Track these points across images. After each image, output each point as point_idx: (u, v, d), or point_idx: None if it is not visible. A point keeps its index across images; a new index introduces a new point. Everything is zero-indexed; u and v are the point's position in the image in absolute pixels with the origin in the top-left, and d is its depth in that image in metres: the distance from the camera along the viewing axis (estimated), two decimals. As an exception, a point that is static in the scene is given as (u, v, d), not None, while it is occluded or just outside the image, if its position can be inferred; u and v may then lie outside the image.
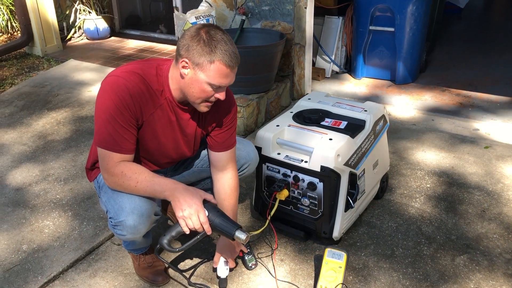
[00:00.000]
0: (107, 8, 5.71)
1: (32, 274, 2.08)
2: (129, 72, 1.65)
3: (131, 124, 1.65)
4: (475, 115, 3.52)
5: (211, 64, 1.57)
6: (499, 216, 2.36)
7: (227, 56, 1.57)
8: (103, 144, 1.64)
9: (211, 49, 1.56)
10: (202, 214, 1.63)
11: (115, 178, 1.65)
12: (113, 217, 1.70)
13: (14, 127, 3.52)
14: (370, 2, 3.95)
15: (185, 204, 1.62)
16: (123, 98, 1.60)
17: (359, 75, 4.29)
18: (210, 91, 1.63)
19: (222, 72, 1.58)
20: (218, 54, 1.56)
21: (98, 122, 1.65)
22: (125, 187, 1.66)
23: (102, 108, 1.62)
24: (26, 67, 4.83)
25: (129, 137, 1.66)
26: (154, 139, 1.77)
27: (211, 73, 1.58)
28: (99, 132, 1.65)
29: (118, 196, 1.69)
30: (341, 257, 1.90)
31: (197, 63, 1.58)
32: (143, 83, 1.65)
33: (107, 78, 1.66)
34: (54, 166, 2.96)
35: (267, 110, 3.52)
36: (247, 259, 2.05)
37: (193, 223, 1.63)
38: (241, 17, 3.69)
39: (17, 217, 2.48)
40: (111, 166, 1.65)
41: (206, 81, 1.60)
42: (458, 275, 2.00)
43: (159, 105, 1.71)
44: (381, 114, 2.33)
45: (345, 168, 2.03)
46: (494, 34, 5.83)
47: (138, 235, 1.75)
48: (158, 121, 1.73)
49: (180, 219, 1.64)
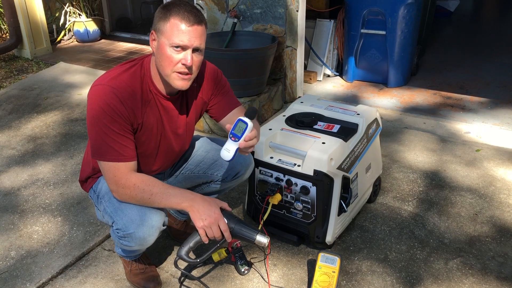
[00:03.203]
0: (97, 10, 5.67)
1: (20, 281, 2.04)
2: (114, 78, 1.62)
3: (127, 130, 1.63)
4: (466, 118, 3.54)
5: (167, 23, 1.57)
6: (491, 219, 2.36)
7: (182, 12, 1.56)
8: (104, 156, 1.61)
9: (167, 9, 1.58)
10: (223, 223, 1.64)
11: (127, 190, 1.62)
12: (121, 228, 1.67)
13: (2, 130, 3.47)
14: (362, 5, 3.95)
15: (204, 214, 1.62)
16: (114, 106, 1.57)
17: (350, 78, 4.30)
18: (174, 56, 1.59)
19: (177, 28, 1.56)
20: (172, 12, 1.56)
21: (93, 135, 1.62)
22: (138, 200, 1.63)
23: (94, 120, 1.59)
24: (15, 69, 4.78)
25: (128, 143, 1.63)
26: (152, 137, 1.75)
27: (168, 31, 1.57)
28: (96, 146, 1.62)
29: (126, 207, 1.66)
30: (335, 262, 1.89)
31: (158, 29, 1.59)
32: (130, 86, 1.63)
33: (92, 89, 1.62)
34: (43, 171, 2.92)
35: (259, 114, 3.51)
36: (239, 264, 2.03)
37: (214, 232, 1.63)
38: (233, 20, 3.67)
39: (5, 223, 2.43)
40: (120, 178, 1.62)
41: (167, 44, 1.58)
42: (452, 278, 2.00)
43: (147, 102, 1.68)
44: (374, 118, 2.33)
45: (338, 172, 2.02)
46: (484, 37, 5.88)
47: (145, 246, 1.74)
48: (151, 118, 1.71)
49: (200, 229, 1.63)
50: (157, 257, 2.16)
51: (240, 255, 2.05)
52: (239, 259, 2.04)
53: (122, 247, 1.76)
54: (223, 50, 3.40)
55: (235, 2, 3.71)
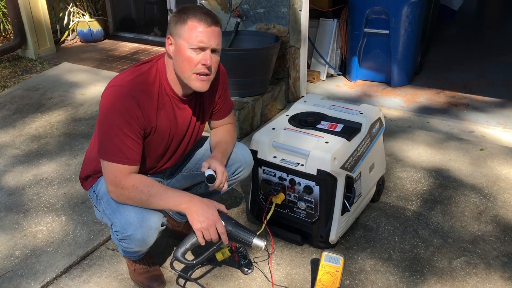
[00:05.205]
0: (101, 10, 5.67)
1: (25, 280, 2.05)
2: (132, 81, 1.63)
3: (139, 135, 1.64)
4: (470, 117, 3.53)
5: (185, 26, 1.59)
6: (495, 218, 2.36)
7: (199, 15, 1.59)
8: (109, 157, 1.61)
9: (183, 13, 1.61)
10: (220, 225, 1.65)
11: (125, 191, 1.63)
12: (120, 231, 1.67)
13: (6, 130, 3.48)
14: (365, 4, 3.95)
15: (202, 216, 1.62)
16: (130, 108, 1.58)
17: (354, 77, 4.29)
18: (194, 57, 1.61)
19: (196, 30, 1.59)
20: (189, 15, 1.59)
21: (102, 134, 1.62)
22: (136, 201, 1.64)
23: (107, 120, 1.60)
24: (19, 70, 4.79)
25: (136, 147, 1.64)
26: (164, 139, 1.76)
27: (187, 33, 1.59)
28: (103, 144, 1.62)
29: (124, 209, 1.66)
30: (338, 261, 1.89)
31: (175, 33, 1.62)
32: (147, 88, 1.64)
33: (109, 89, 1.63)
34: (47, 170, 2.93)
35: (263, 113, 3.51)
36: (243, 264, 2.04)
37: (211, 234, 1.64)
38: (236, 20, 3.67)
39: (9, 222, 2.44)
40: (120, 179, 1.62)
41: (186, 46, 1.60)
42: (455, 278, 1.99)
43: (163, 105, 1.70)
44: (377, 117, 2.33)
45: (342, 171, 2.02)
46: (488, 36, 5.85)
47: (145, 247, 1.75)
48: (165, 121, 1.72)
49: (197, 231, 1.64)
50: (161, 256, 2.17)
51: (243, 254, 2.05)
52: (242, 259, 2.04)
53: (123, 248, 1.77)
54: (226, 49, 3.40)
55: (238, 1, 3.71)
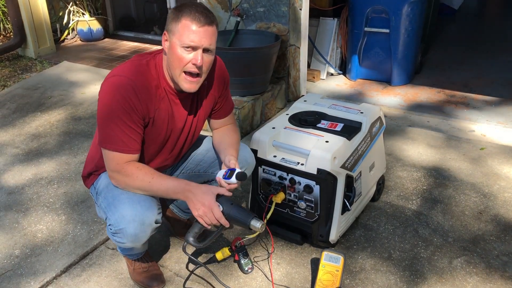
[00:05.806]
0: (101, 9, 5.67)
1: (24, 280, 2.05)
2: (131, 71, 1.64)
3: (139, 124, 1.65)
4: (470, 117, 3.52)
5: (179, 24, 1.59)
6: (495, 217, 2.35)
7: (193, 13, 1.59)
8: (110, 145, 1.64)
9: (179, 11, 1.60)
10: (216, 210, 1.66)
11: (126, 178, 1.66)
12: (113, 224, 1.67)
13: (6, 129, 3.48)
14: (365, 3, 3.94)
15: (198, 203, 1.65)
16: (129, 98, 1.60)
17: (354, 76, 4.29)
18: (185, 56, 1.61)
19: (188, 28, 1.58)
20: (184, 13, 1.59)
21: (102, 124, 1.64)
22: (136, 187, 1.66)
23: (107, 109, 1.61)
24: (19, 69, 4.78)
25: (136, 137, 1.66)
26: (161, 133, 1.77)
27: (180, 31, 1.59)
28: (104, 134, 1.64)
29: (119, 203, 1.67)
30: (338, 261, 1.89)
31: (170, 30, 1.62)
32: (146, 80, 1.65)
33: (108, 79, 1.64)
34: (47, 169, 2.93)
35: (263, 112, 3.50)
36: (243, 263, 2.03)
37: (210, 220, 1.66)
38: (236, 19, 3.67)
39: (9, 221, 2.44)
40: (121, 166, 1.65)
41: (178, 45, 1.60)
42: (456, 277, 1.99)
43: (161, 98, 1.71)
44: (377, 116, 2.32)
45: (342, 171, 2.01)
46: (488, 35, 5.85)
47: (138, 243, 1.75)
48: (163, 114, 1.73)
49: (197, 217, 1.67)
50: (160, 255, 2.16)
51: (243, 253, 2.05)
52: (242, 258, 2.04)
53: (116, 244, 1.77)
54: (226, 48, 3.40)
55: (238, 0, 3.70)
